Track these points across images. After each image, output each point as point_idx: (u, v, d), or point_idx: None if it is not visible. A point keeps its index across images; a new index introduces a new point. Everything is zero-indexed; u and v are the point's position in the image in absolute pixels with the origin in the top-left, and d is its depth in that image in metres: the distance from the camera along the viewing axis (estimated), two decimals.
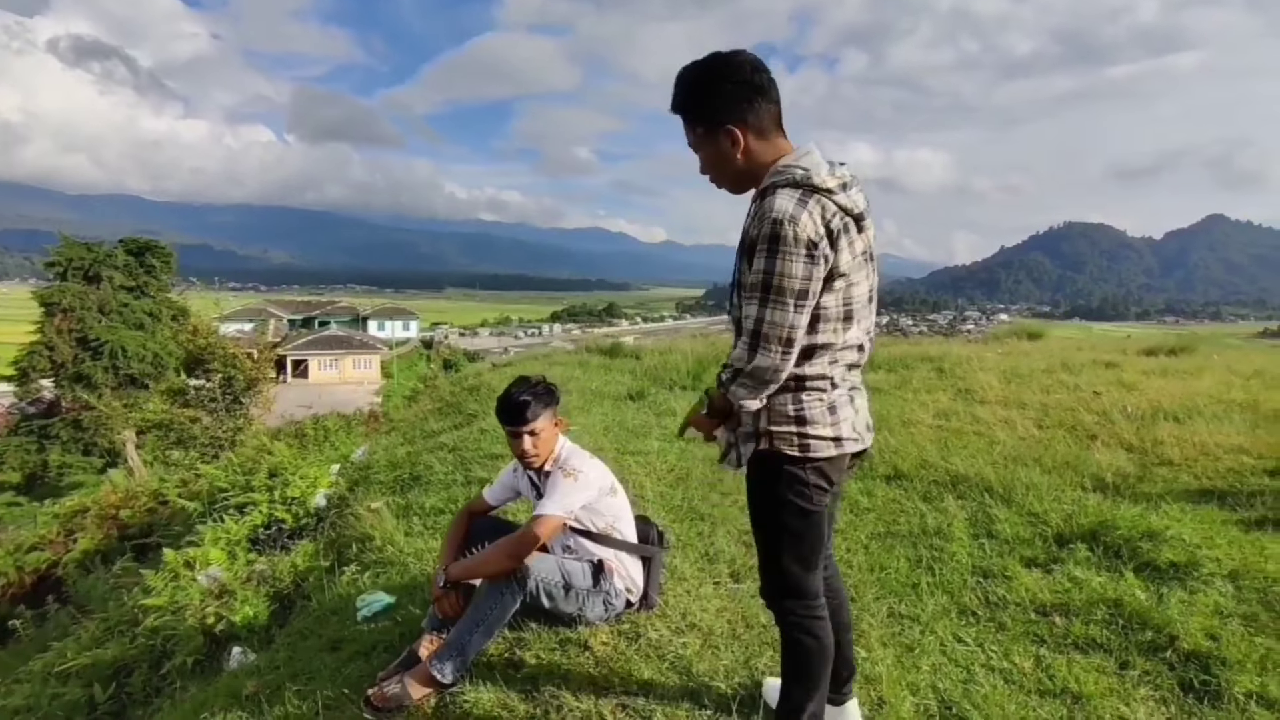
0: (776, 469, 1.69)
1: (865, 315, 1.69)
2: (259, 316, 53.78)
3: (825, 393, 1.66)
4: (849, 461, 1.75)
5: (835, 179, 1.58)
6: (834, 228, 1.54)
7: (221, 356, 8.03)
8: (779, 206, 1.51)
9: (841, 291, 1.60)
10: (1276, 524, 3.38)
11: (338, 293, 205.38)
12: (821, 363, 1.65)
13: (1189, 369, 8.14)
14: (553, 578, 2.32)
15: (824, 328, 1.61)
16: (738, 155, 1.64)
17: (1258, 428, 5.05)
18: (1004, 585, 2.88)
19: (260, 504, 5.06)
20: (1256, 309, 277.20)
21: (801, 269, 1.51)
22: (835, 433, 1.66)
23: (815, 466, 1.66)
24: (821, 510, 1.71)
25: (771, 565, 1.78)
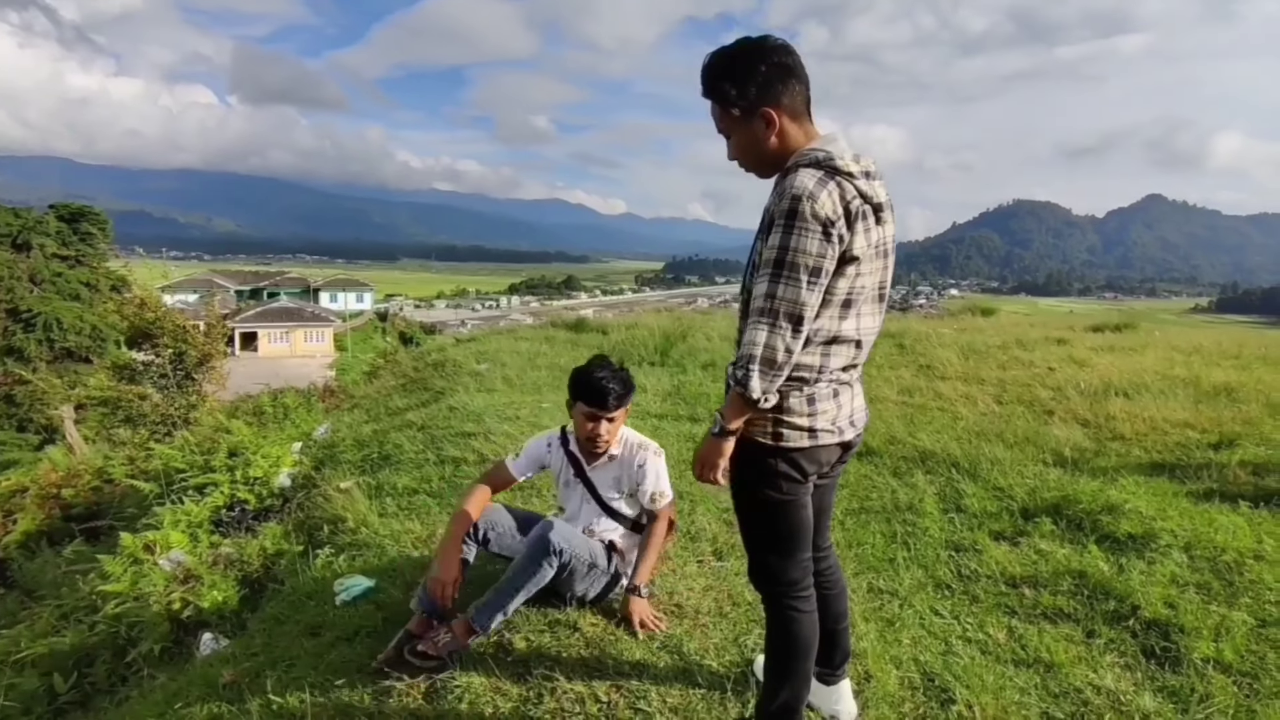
0: (750, 457, 1.68)
1: (869, 311, 1.67)
2: (205, 288, 51.82)
3: (806, 384, 1.64)
4: (836, 454, 1.74)
5: (858, 165, 1.58)
6: (853, 209, 1.53)
7: (171, 330, 7.70)
8: (799, 184, 1.51)
9: (850, 278, 1.58)
10: (1222, 495, 3.58)
11: (287, 263, 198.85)
12: (813, 354, 1.63)
13: (1134, 345, 8.49)
14: (582, 555, 2.37)
15: (824, 311, 1.59)
16: (771, 138, 1.62)
17: (1200, 403, 5.30)
18: (975, 559, 2.98)
19: (221, 484, 4.91)
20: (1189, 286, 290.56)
21: (816, 245, 1.50)
22: (810, 424, 1.64)
23: (787, 456, 1.65)
24: (794, 500, 1.70)
25: (750, 551, 1.81)
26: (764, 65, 1.59)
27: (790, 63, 1.60)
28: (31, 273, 24.66)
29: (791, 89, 1.61)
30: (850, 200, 1.53)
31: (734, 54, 1.62)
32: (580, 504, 2.55)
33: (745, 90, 1.61)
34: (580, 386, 2.36)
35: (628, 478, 2.50)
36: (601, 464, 2.49)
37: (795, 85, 1.61)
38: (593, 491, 2.52)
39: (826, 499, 1.92)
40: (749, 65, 1.60)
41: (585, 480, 2.50)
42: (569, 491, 2.57)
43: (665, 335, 8.56)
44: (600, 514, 2.53)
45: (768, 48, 1.60)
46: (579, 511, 2.56)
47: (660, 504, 2.51)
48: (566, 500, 2.60)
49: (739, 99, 1.62)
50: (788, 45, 1.61)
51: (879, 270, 1.66)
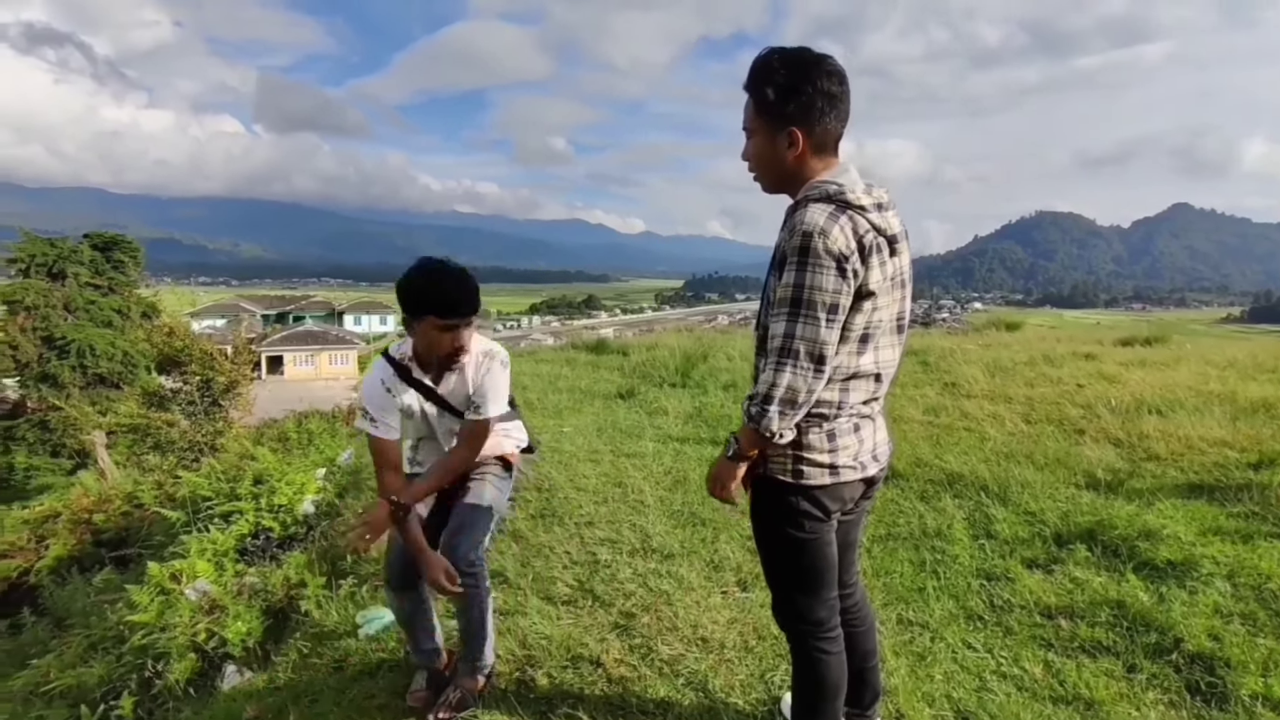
0: (771, 495, 1.66)
1: (887, 344, 1.64)
2: (232, 313, 52.83)
3: (826, 419, 1.60)
4: (860, 490, 1.70)
5: (870, 198, 1.55)
6: (866, 243, 1.50)
7: (199, 357, 7.83)
8: (810, 219, 1.48)
9: (867, 313, 1.55)
10: (1263, 518, 3.45)
11: (311, 286, 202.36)
12: (832, 389, 1.59)
13: (1165, 360, 8.30)
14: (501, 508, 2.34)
15: (840, 349, 1.55)
16: (789, 158, 1.59)
17: (1237, 420, 5.15)
18: (1008, 588, 2.90)
19: (246, 512, 4.95)
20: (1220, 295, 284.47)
21: (832, 282, 1.47)
22: (831, 460, 1.61)
23: (808, 494, 1.62)
24: (817, 538, 1.66)
25: (774, 590, 1.77)
26: (811, 86, 1.54)
27: (837, 93, 1.56)
28: (66, 301, 25.27)
29: (827, 119, 1.56)
30: (863, 234, 1.50)
31: (788, 60, 1.57)
32: (438, 420, 2.25)
33: (782, 101, 1.57)
34: (427, 299, 2.00)
35: (479, 380, 2.22)
36: (451, 375, 2.19)
37: (832, 117, 1.57)
38: (448, 408, 2.22)
39: (852, 534, 1.87)
40: (797, 79, 1.55)
41: (437, 400, 2.20)
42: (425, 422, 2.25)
43: (686, 356, 8.53)
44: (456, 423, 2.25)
45: (823, 70, 1.54)
46: (436, 425, 2.26)
47: (480, 414, 2.19)
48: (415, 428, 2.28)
49: (772, 106, 1.58)
50: (843, 75, 1.57)
51: (896, 302, 1.63)
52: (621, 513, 3.73)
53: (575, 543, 3.33)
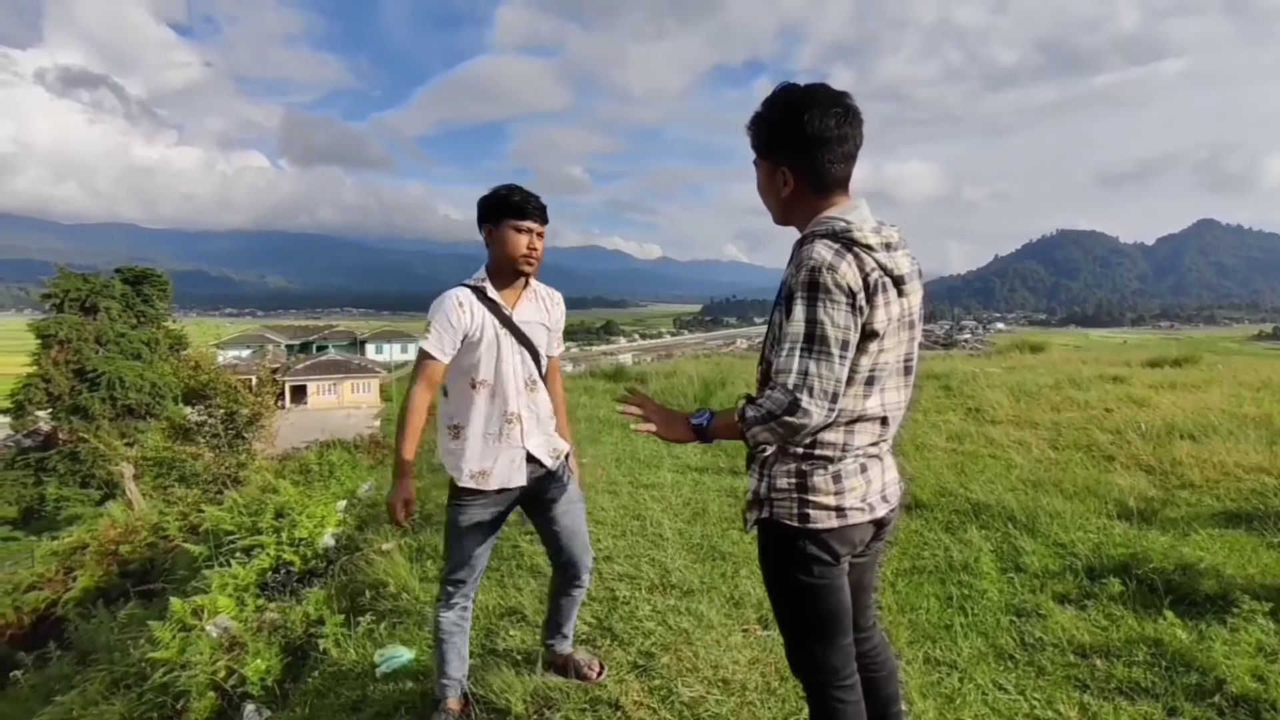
0: (777, 539, 1.61)
1: (894, 386, 1.60)
2: (257, 343, 53.73)
3: (831, 461, 1.56)
4: (869, 532, 1.65)
5: (878, 236, 1.52)
6: (871, 282, 1.47)
7: (224, 390, 7.95)
8: (817, 255, 1.45)
9: (872, 355, 1.51)
10: None
11: (335, 316, 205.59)
12: (836, 431, 1.55)
13: (1196, 381, 8.12)
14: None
15: (846, 390, 1.50)
16: (784, 195, 1.59)
17: (1275, 444, 5.00)
18: (1039, 625, 2.81)
19: (268, 546, 4.97)
20: (1250, 312, 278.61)
21: (844, 317, 1.43)
22: (838, 502, 1.56)
23: (816, 538, 1.56)
24: (827, 584, 1.60)
25: (787, 637, 1.71)
26: (800, 128, 1.51)
27: (835, 135, 1.50)
28: (98, 334, 25.91)
29: (820, 158, 1.53)
30: (869, 273, 1.47)
31: (783, 100, 1.55)
32: (513, 357, 2.24)
33: (776, 140, 1.56)
34: (502, 206, 2.19)
35: (548, 313, 2.36)
36: (524, 301, 2.28)
37: (828, 158, 1.53)
38: (522, 339, 2.26)
39: (865, 577, 1.81)
40: (786, 119, 1.53)
41: (512, 327, 2.24)
42: (493, 351, 2.21)
43: (705, 383, 8.51)
44: (531, 362, 2.29)
45: (826, 110, 1.50)
46: (515, 368, 2.25)
47: (559, 348, 2.46)
48: (489, 364, 2.21)
49: (762, 146, 1.59)
50: (848, 113, 1.52)
51: (903, 344, 1.59)
52: (640, 547, 3.69)
53: (593, 578, 3.29)
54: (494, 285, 2.24)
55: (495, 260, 2.24)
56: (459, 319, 2.16)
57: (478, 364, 2.20)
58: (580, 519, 2.44)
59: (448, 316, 2.15)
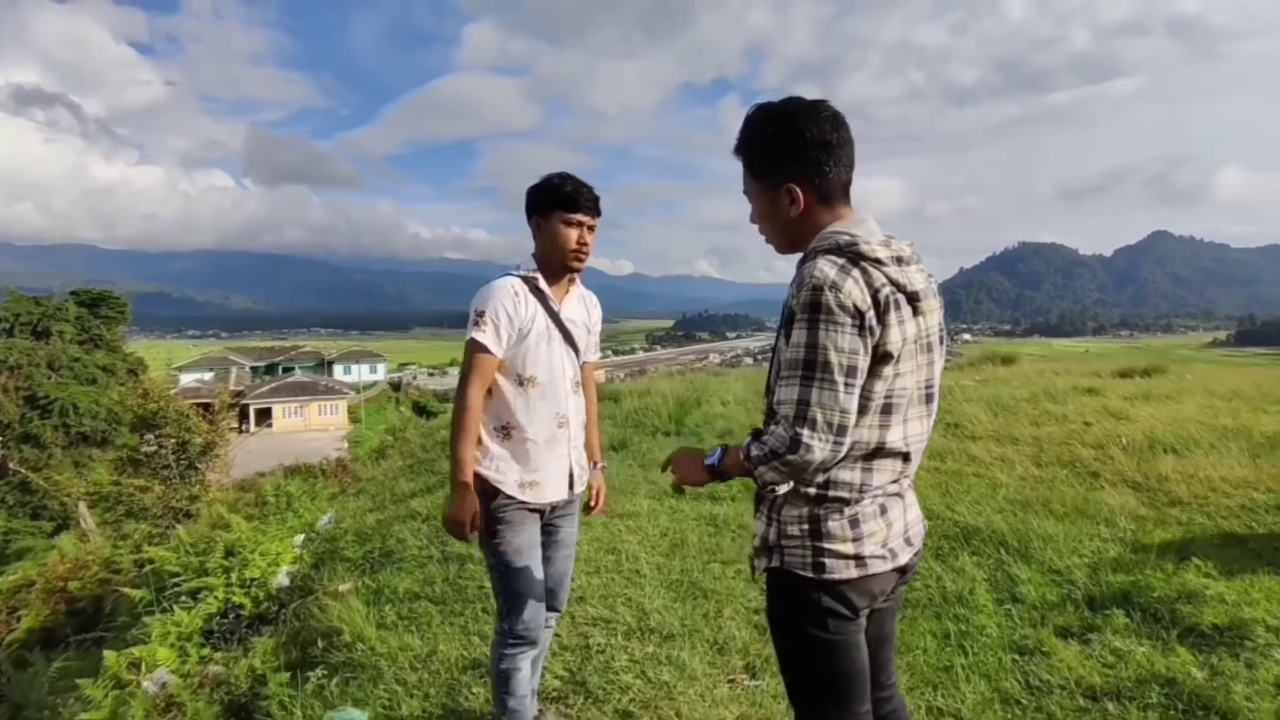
0: (788, 590, 1.43)
1: (915, 416, 1.43)
2: (220, 365, 52.44)
3: (848, 504, 1.39)
4: (891, 581, 1.47)
5: (888, 250, 1.36)
6: (882, 298, 1.31)
7: (175, 419, 7.55)
8: (819, 272, 1.29)
9: (887, 379, 1.35)
10: None
11: (302, 337, 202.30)
12: (853, 469, 1.38)
13: (1168, 392, 8.12)
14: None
15: (861, 420, 1.34)
16: (794, 216, 1.44)
17: (1258, 457, 4.94)
18: (1044, 664, 2.62)
19: (216, 588, 4.61)
20: (1205, 320, 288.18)
21: (849, 341, 1.28)
22: (857, 550, 1.39)
23: (832, 589, 1.39)
24: (844, 640, 1.42)
25: (796, 704, 1.51)
26: (801, 137, 1.40)
27: (834, 140, 1.41)
28: (50, 359, 24.95)
29: (826, 169, 1.41)
30: (879, 288, 1.31)
31: (773, 115, 1.43)
32: (562, 355, 2.09)
33: (774, 159, 1.43)
34: (554, 196, 2.02)
35: (589, 314, 2.24)
36: (570, 299, 2.15)
37: (833, 165, 1.41)
38: (569, 337, 2.11)
39: (886, 627, 1.62)
40: (786, 132, 1.41)
41: (560, 325, 2.10)
42: (543, 345, 2.05)
43: (679, 402, 8.30)
44: (576, 363, 2.15)
45: (816, 117, 1.41)
46: (561, 367, 2.09)
47: (596, 353, 2.32)
48: (537, 360, 2.04)
49: (765, 166, 1.45)
50: (839, 118, 1.43)
51: (923, 367, 1.42)
52: (616, 585, 3.45)
53: (566, 623, 3.04)
54: (544, 278, 2.09)
55: (543, 254, 2.09)
56: (515, 309, 1.99)
57: (527, 358, 2.03)
58: (571, 563, 2.26)
59: (502, 305, 1.98)
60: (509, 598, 2.04)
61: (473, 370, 1.97)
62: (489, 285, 2.02)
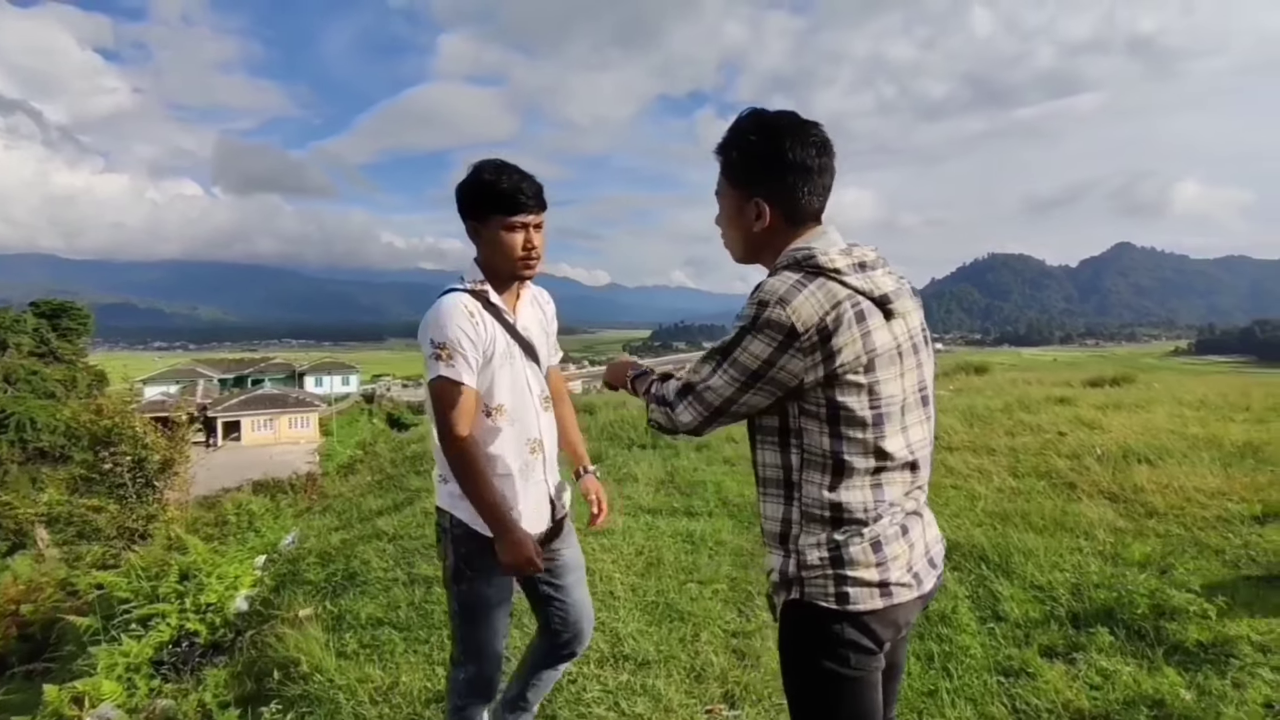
0: (807, 624, 1.33)
1: (914, 421, 1.37)
2: (187, 378, 51.25)
3: (865, 525, 1.32)
4: (917, 609, 1.39)
5: (848, 258, 1.32)
6: (842, 315, 1.26)
7: (131, 436, 7.24)
8: (770, 287, 1.28)
9: (862, 393, 1.29)
10: None
11: (272, 348, 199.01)
12: (860, 487, 1.31)
13: (1138, 400, 8.20)
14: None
15: (849, 433, 1.28)
16: (756, 230, 1.40)
17: (1229, 467, 4.96)
18: (1029, 686, 2.55)
19: (168, 615, 4.38)
20: (1167, 329, 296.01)
21: (765, 350, 1.27)
22: (881, 576, 1.31)
23: (857, 621, 1.31)
24: (864, 677, 1.33)
25: None
26: (782, 156, 1.36)
27: (815, 165, 1.37)
28: (6, 372, 24.13)
29: (801, 193, 1.37)
30: (840, 301, 1.27)
31: (763, 125, 1.38)
32: (525, 371, 1.89)
33: (748, 169, 1.39)
34: (491, 197, 1.77)
35: (543, 313, 2.02)
36: (522, 304, 1.93)
37: (807, 191, 1.37)
38: (530, 351, 1.91)
39: (898, 656, 1.54)
40: (768, 146, 1.37)
41: (519, 339, 1.88)
42: (507, 366, 1.85)
43: None
44: (541, 376, 1.95)
45: (804, 139, 1.36)
46: (526, 387, 1.89)
47: (557, 354, 2.11)
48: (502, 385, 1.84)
49: (738, 174, 1.41)
50: (826, 145, 1.39)
51: (912, 370, 1.36)
52: None
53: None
54: (493, 289, 1.87)
55: (487, 262, 1.86)
56: (475, 331, 1.77)
57: (492, 385, 1.82)
58: (585, 587, 2.07)
59: (462, 331, 1.74)
60: (468, 648, 1.90)
61: (454, 411, 1.72)
62: (437, 309, 1.76)
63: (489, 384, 1.82)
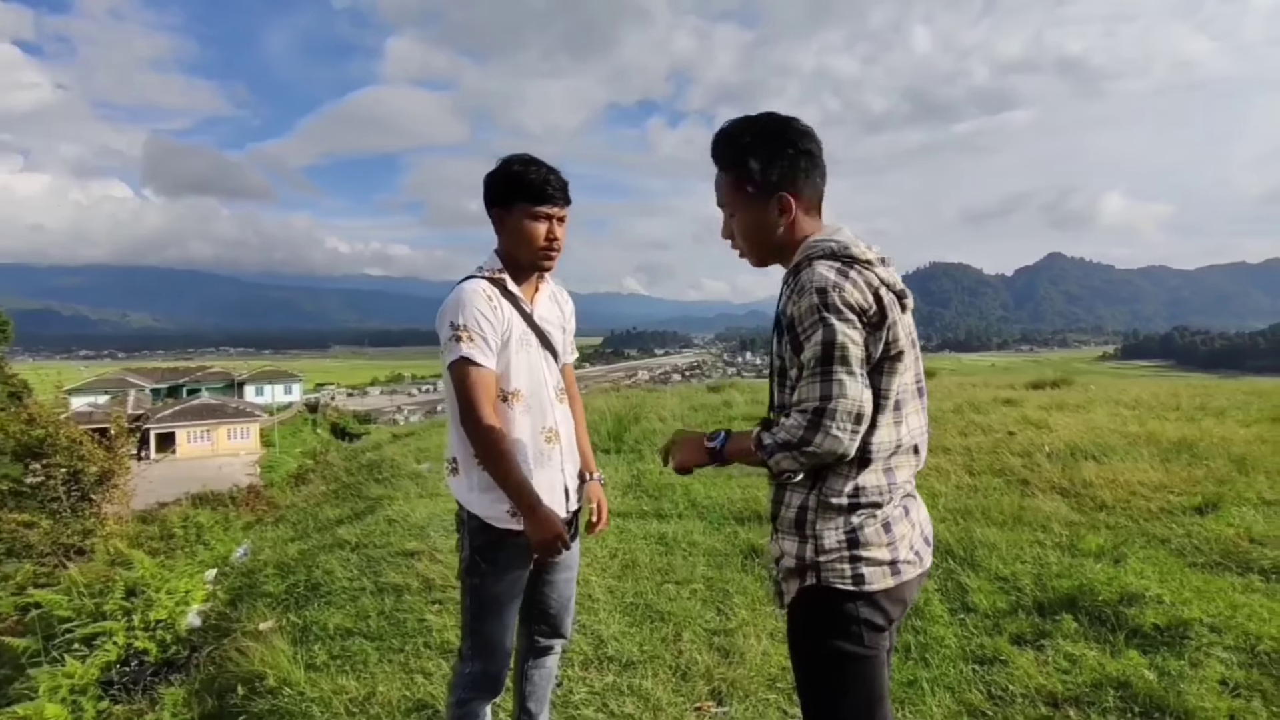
0: (823, 608, 1.38)
1: (914, 410, 1.46)
2: (116, 387, 48.81)
3: (879, 506, 1.38)
4: (919, 587, 1.48)
5: (873, 252, 1.41)
6: (883, 298, 1.34)
7: (66, 447, 6.84)
8: (819, 276, 1.31)
9: (900, 375, 1.38)
10: (1226, 568, 3.39)
11: (209, 357, 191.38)
12: (877, 470, 1.38)
13: (1078, 402, 8.59)
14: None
15: (879, 417, 1.36)
16: (781, 226, 1.45)
17: (1167, 462, 5.23)
18: (1003, 673, 2.63)
19: (115, 633, 4.15)
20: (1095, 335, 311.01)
21: (858, 335, 1.30)
22: (892, 555, 1.38)
23: (871, 599, 1.37)
24: (875, 655, 1.39)
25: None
26: (791, 148, 1.43)
27: (815, 151, 1.46)
28: None
29: (813, 179, 1.45)
30: (877, 288, 1.34)
31: (761, 128, 1.44)
32: (542, 361, 1.90)
33: (768, 169, 1.43)
34: (516, 185, 1.81)
35: (562, 311, 2.03)
36: (541, 297, 1.95)
37: (816, 176, 1.46)
38: (546, 341, 1.92)
39: (894, 638, 1.60)
40: (777, 144, 1.43)
41: (535, 328, 1.90)
42: (522, 354, 1.85)
43: (617, 418, 8.18)
44: (556, 368, 1.96)
45: (797, 130, 1.44)
46: (542, 375, 1.90)
47: (574, 353, 2.10)
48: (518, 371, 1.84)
49: (758, 177, 1.44)
50: (813, 133, 1.47)
51: (916, 361, 1.45)
52: None
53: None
54: (511, 278, 1.88)
55: (508, 251, 1.89)
56: (493, 314, 1.78)
57: (508, 370, 1.82)
58: (574, 586, 2.06)
59: (479, 312, 1.75)
60: (477, 643, 1.87)
61: (475, 391, 1.72)
62: (457, 292, 1.79)
63: (505, 368, 1.82)
